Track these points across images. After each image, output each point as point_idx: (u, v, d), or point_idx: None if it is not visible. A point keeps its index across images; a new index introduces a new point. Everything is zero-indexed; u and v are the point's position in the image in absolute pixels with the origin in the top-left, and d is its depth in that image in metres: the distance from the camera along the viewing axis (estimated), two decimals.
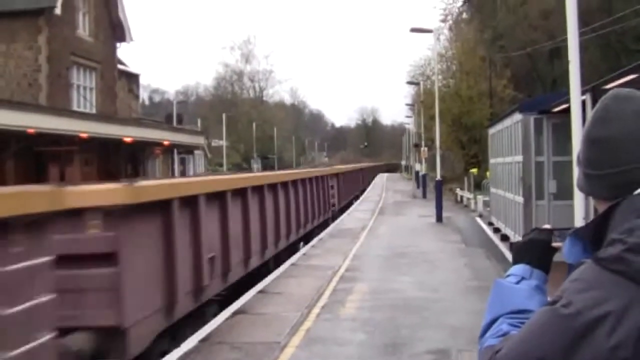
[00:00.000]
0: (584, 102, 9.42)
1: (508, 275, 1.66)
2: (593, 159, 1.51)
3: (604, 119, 1.50)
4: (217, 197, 10.90)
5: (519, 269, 1.65)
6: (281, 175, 18.85)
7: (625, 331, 1.21)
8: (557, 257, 1.69)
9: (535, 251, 1.67)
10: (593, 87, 10.31)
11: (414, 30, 28.90)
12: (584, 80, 10.11)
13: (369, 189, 56.84)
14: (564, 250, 1.52)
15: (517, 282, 1.61)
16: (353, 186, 42.74)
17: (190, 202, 9.42)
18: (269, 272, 14.27)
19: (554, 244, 1.68)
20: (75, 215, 6.78)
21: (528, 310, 1.50)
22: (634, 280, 1.25)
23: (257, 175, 17.78)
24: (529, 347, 1.31)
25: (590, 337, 1.23)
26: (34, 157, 23.98)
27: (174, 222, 8.63)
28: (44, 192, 5.73)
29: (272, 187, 15.44)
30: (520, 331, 1.38)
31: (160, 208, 8.42)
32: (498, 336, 1.49)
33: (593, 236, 1.44)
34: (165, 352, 8.22)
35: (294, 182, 18.54)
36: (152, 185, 9.05)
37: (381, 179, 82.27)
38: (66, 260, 6.15)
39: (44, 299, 5.25)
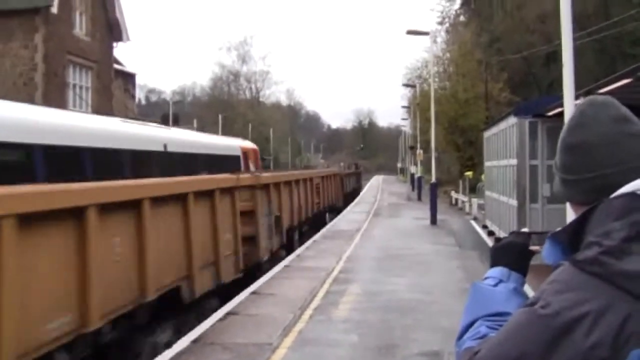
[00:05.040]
0: None
1: (486, 278, 1.67)
2: (569, 164, 1.53)
3: (580, 124, 1.52)
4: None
5: (497, 271, 1.67)
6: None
7: (603, 331, 1.22)
8: (537, 260, 1.69)
9: (513, 254, 1.69)
10: (587, 91, 10.32)
11: (410, 32, 28.92)
12: (580, 84, 10.12)
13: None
14: (544, 252, 1.53)
15: (495, 285, 1.63)
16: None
17: None
18: None
19: (532, 247, 1.70)
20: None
21: (506, 313, 1.51)
22: (611, 282, 1.26)
23: None
24: (507, 348, 1.31)
25: (569, 337, 1.24)
26: None
27: None
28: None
29: None
30: (499, 332, 1.38)
31: None
32: (476, 338, 1.50)
33: (570, 239, 1.45)
34: None
35: None
36: None
37: (377, 180, 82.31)
38: None
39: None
